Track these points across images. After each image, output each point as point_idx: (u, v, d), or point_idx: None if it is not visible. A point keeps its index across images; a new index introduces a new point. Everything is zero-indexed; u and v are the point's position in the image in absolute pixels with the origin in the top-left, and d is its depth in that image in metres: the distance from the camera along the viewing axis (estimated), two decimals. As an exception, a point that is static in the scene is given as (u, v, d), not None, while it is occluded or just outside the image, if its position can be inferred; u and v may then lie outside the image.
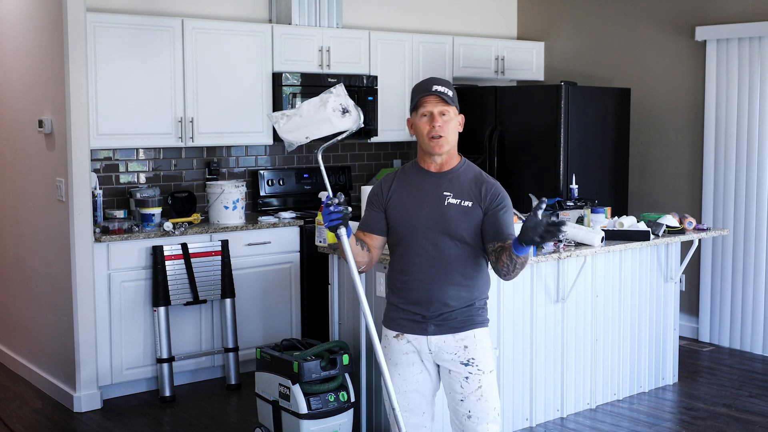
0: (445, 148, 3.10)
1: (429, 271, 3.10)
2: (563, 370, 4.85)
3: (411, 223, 3.12)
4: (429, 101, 3.09)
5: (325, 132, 3.10)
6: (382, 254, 3.30)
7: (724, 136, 6.19)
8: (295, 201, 6.40)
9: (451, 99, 3.09)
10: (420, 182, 3.16)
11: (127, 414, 4.99)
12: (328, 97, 3.07)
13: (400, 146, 7.12)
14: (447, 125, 3.09)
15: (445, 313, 3.10)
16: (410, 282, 3.13)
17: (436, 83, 3.11)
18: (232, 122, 5.77)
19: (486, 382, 3.13)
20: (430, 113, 3.09)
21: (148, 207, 5.38)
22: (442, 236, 3.08)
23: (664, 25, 6.61)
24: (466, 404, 3.13)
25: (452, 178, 3.14)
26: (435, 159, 3.14)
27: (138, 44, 5.35)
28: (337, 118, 3.06)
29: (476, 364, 3.12)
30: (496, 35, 7.44)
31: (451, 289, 3.09)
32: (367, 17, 6.70)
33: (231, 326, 5.40)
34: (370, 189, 3.30)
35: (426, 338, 3.12)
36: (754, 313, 6.15)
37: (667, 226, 5.06)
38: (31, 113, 5.30)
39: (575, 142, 6.23)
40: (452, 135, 3.12)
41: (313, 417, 4.13)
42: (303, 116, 3.10)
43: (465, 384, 3.12)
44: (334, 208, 2.97)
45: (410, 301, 3.14)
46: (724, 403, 5.14)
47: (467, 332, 3.13)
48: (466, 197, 3.10)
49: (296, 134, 3.14)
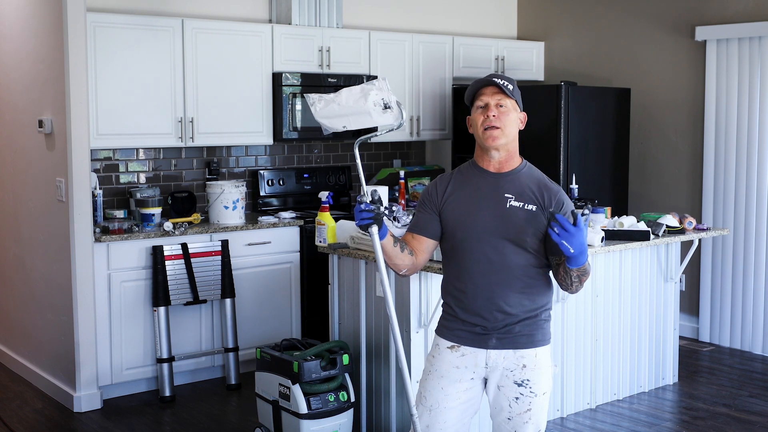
0: (500, 140, 2.89)
1: (489, 278, 2.90)
2: (563, 370, 4.84)
3: (470, 227, 2.91)
4: (486, 92, 2.92)
5: (363, 124, 2.98)
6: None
7: (724, 136, 6.19)
8: (295, 201, 6.40)
9: (510, 92, 2.90)
10: (478, 183, 2.95)
11: (127, 414, 4.99)
12: (370, 89, 2.95)
13: (400, 146, 7.12)
14: (504, 117, 2.89)
15: (508, 326, 2.90)
16: (469, 290, 2.93)
17: (495, 76, 2.93)
18: (232, 122, 5.77)
19: (536, 405, 2.94)
20: (486, 104, 2.91)
21: (148, 207, 5.37)
22: (504, 241, 2.88)
23: (664, 25, 6.61)
24: (512, 423, 2.94)
25: (513, 179, 2.93)
26: (493, 155, 2.94)
27: (138, 44, 5.36)
28: (377, 113, 2.95)
29: (530, 386, 2.92)
30: (496, 35, 7.44)
31: (512, 297, 2.89)
32: (367, 17, 6.70)
33: (231, 326, 5.40)
34: (423, 189, 3.17)
35: (486, 352, 2.93)
36: (754, 313, 6.15)
37: (667, 226, 5.06)
38: (31, 113, 5.30)
39: (575, 142, 6.23)
40: (510, 128, 2.91)
41: (313, 417, 4.13)
42: (341, 104, 2.98)
43: (514, 404, 2.93)
44: (365, 206, 2.82)
45: (469, 310, 2.93)
46: (724, 403, 5.14)
47: (529, 350, 2.93)
48: (529, 201, 2.89)
49: (333, 121, 3.02)
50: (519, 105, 2.97)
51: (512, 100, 2.93)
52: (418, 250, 3.00)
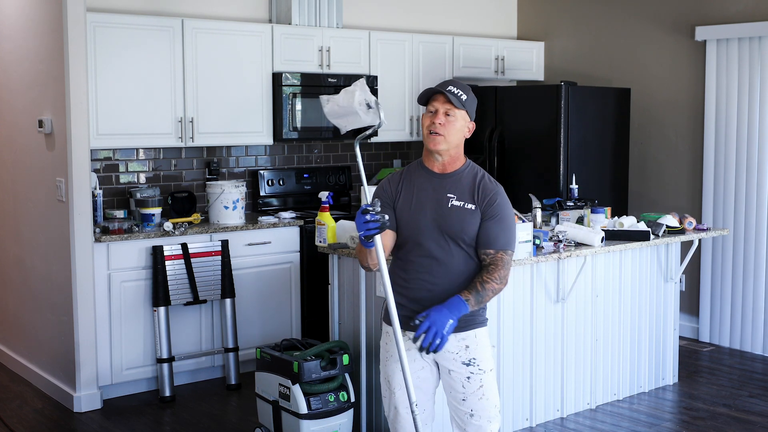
0: (441, 146, 3.10)
1: (432, 272, 3.11)
2: (563, 370, 4.84)
3: (414, 224, 3.13)
4: (438, 99, 3.12)
5: (356, 124, 3.09)
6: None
7: (724, 136, 6.19)
8: (295, 201, 6.40)
9: (461, 102, 3.09)
10: (423, 183, 3.17)
11: (127, 414, 4.99)
12: (355, 89, 3.05)
13: (400, 146, 7.12)
14: (449, 125, 3.10)
15: None
16: (412, 281, 3.16)
17: (451, 84, 3.12)
18: (233, 122, 5.77)
19: (487, 380, 3.17)
20: (436, 110, 3.11)
21: (148, 207, 5.38)
22: (445, 237, 3.11)
23: (664, 25, 6.61)
24: (468, 403, 3.17)
25: (456, 179, 3.15)
26: (436, 157, 3.15)
27: (138, 44, 5.36)
28: (363, 112, 3.04)
29: (477, 364, 3.16)
30: (496, 35, 7.44)
31: (452, 292, 3.09)
32: (367, 17, 6.70)
33: (231, 326, 5.40)
34: (376, 187, 3.27)
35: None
36: (754, 313, 6.15)
37: (667, 226, 5.06)
38: (31, 113, 5.30)
39: (575, 142, 6.23)
40: (453, 136, 3.11)
41: (313, 417, 4.13)
42: (340, 105, 3.09)
43: (467, 384, 3.16)
44: (371, 217, 2.93)
45: (411, 298, 3.15)
46: (724, 403, 5.14)
47: (469, 332, 3.16)
48: (468, 200, 3.11)
49: (339, 122, 3.13)
50: (470, 115, 3.15)
51: (462, 110, 3.10)
52: (386, 245, 3.17)
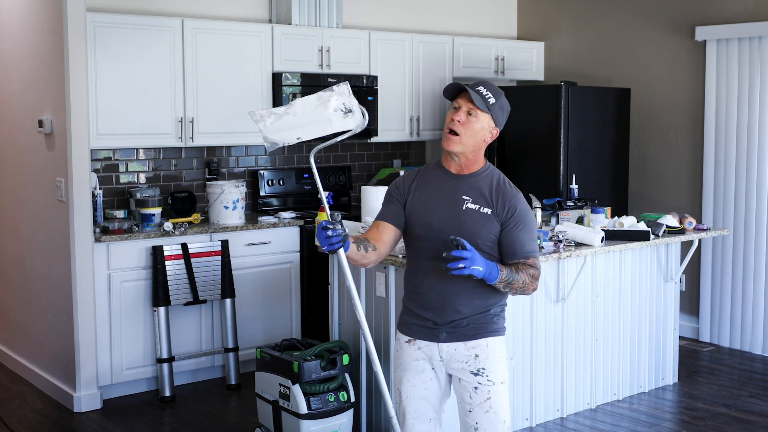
0: (455, 148, 2.96)
1: (443, 277, 2.96)
2: (563, 370, 4.85)
3: (427, 225, 3.00)
4: (464, 96, 2.97)
5: (320, 132, 2.98)
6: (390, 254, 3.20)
7: (724, 136, 6.19)
8: (295, 201, 6.40)
9: (485, 105, 2.94)
10: (439, 183, 3.04)
11: (127, 414, 4.99)
12: (330, 96, 2.95)
13: (400, 146, 7.12)
14: (469, 125, 2.95)
15: (456, 320, 2.99)
16: (422, 286, 3.03)
17: (482, 84, 2.98)
18: (233, 122, 5.77)
19: (496, 393, 3.01)
20: (459, 107, 2.97)
21: (148, 207, 5.38)
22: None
23: (664, 25, 6.61)
24: (473, 416, 3.02)
25: (473, 182, 3.01)
26: (453, 158, 3.01)
27: (138, 44, 5.36)
28: (338, 119, 2.94)
29: (486, 375, 3.01)
30: (496, 35, 7.44)
31: (464, 295, 2.97)
32: (367, 17, 6.70)
33: (231, 326, 5.40)
34: (392, 183, 3.17)
35: (437, 345, 3.02)
36: (754, 313, 6.15)
37: (667, 226, 5.06)
38: (31, 113, 5.30)
39: (575, 142, 6.23)
40: (470, 138, 2.96)
41: (313, 417, 4.13)
42: (297, 115, 2.98)
43: (474, 394, 3.01)
44: (333, 233, 2.84)
45: (422, 305, 3.04)
46: (724, 403, 5.14)
47: (479, 341, 3.01)
48: (485, 204, 2.97)
49: (285, 135, 3.01)
50: (495, 120, 2.99)
51: (487, 114, 2.96)
52: (381, 240, 3.06)
